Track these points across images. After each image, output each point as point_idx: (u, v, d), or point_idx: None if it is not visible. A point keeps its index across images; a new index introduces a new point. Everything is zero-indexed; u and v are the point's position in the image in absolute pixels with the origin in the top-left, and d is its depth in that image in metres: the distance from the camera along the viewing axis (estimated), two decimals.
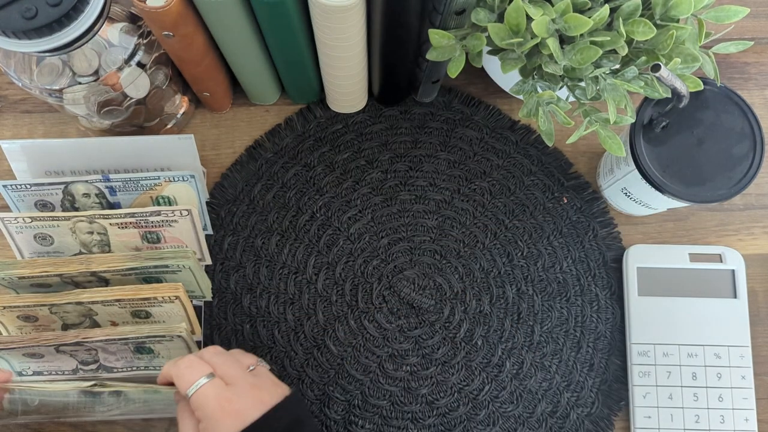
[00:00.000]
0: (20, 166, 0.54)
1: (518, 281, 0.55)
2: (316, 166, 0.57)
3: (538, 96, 0.44)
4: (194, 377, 0.40)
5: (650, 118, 0.48)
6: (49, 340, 0.48)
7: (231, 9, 0.43)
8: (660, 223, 0.57)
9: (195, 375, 0.41)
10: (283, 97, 0.60)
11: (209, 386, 0.40)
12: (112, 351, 0.50)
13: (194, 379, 0.40)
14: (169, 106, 0.55)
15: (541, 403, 0.53)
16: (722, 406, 0.52)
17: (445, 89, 0.59)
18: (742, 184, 0.47)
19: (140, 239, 0.53)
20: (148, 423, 0.53)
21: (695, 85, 0.45)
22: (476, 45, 0.43)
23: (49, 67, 0.47)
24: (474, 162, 0.58)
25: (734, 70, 0.61)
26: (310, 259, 0.56)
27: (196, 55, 0.48)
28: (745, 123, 0.48)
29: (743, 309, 0.54)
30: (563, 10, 0.39)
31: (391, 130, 0.58)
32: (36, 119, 0.59)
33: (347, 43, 0.45)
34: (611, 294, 0.56)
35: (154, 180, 0.52)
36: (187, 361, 0.41)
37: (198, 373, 0.41)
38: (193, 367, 0.41)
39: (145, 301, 0.49)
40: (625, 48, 0.40)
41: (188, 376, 0.41)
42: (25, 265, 0.49)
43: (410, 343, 0.54)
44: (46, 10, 0.39)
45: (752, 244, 0.57)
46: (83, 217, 0.51)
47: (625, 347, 0.54)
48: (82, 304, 0.49)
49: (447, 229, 0.56)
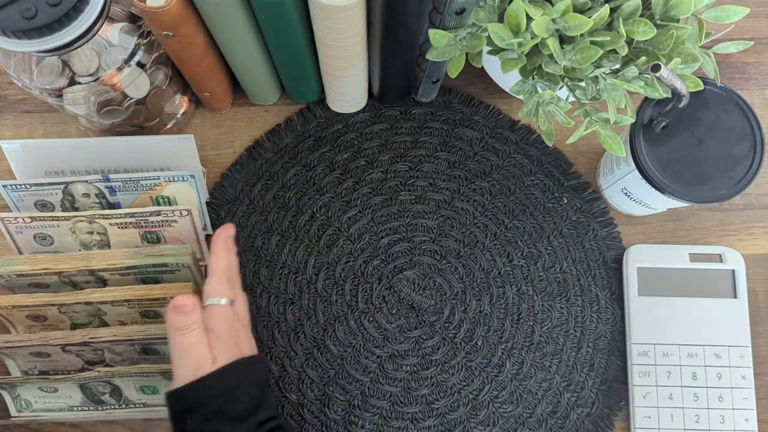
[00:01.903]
0: (20, 166, 0.54)
1: (518, 281, 0.55)
2: (316, 166, 0.57)
3: (538, 96, 0.44)
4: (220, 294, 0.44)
5: (650, 118, 0.48)
6: (56, 339, 0.48)
7: (231, 9, 0.43)
8: (660, 223, 0.57)
9: (221, 293, 0.44)
10: (283, 97, 0.59)
11: (226, 308, 0.44)
12: (118, 351, 0.50)
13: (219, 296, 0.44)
14: (169, 106, 0.55)
15: (541, 403, 0.53)
16: (722, 406, 0.52)
17: (445, 89, 0.59)
18: (742, 184, 0.47)
19: (140, 239, 0.53)
20: (148, 423, 0.54)
21: (695, 85, 0.45)
22: (476, 45, 0.43)
23: (49, 67, 0.47)
24: (474, 162, 0.58)
25: (734, 70, 0.61)
26: (310, 259, 0.56)
27: (196, 55, 0.48)
28: (745, 123, 0.48)
29: (743, 309, 0.54)
30: (563, 10, 0.39)
31: (391, 130, 0.58)
32: (36, 119, 0.59)
33: (347, 43, 0.45)
34: (611, 294, 0.56)
35: (154, 180, 0.52)
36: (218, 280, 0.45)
37: (223, 293, 0.44)
38: (221, 286, 0.45)
39: (155, 302, 0.49)
40: (625, 48, 0.40)
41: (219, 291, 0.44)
42: (25, 261, 0.49)
43: (410, 343, 0.54)
44: (46, 10, 0.39)
45: (752, 244, 0.57)
46: (83, 217, 0.51)
47: (625, 347, 0.54)
48: (91, 304, 0.50)
49: (447, 229, 0.56)
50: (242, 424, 0.40)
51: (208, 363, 0.41)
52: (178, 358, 0.41)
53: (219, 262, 0.45)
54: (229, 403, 0.40)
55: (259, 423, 0.40)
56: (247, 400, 0.41)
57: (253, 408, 0.41)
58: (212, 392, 0.40)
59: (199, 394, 0.40)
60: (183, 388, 0.40)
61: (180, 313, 0.41)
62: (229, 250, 0.47)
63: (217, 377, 0.40)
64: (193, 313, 0.41)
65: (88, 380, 0.50)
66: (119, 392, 0.51)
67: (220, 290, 0.44)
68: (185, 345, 0.41)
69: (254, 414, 0.41)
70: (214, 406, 0.40)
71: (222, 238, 0.46)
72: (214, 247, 0.46)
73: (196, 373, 0.40)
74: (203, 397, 0.40)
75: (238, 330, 0.44)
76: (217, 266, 0.45)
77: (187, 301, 0.41)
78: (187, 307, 0.41)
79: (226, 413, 0.40)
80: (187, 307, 0.41)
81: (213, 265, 0.45)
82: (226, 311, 0.44)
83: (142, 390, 0.51)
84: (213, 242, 0.46)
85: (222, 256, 0.46)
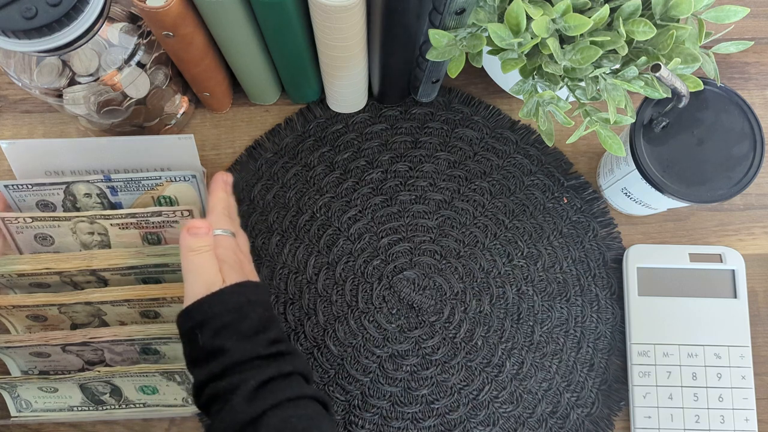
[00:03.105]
0: (20, 166, 0.54)
1: (518, 281, 0.55)
2: (316, 166, 0.57)
3: (538, 96, 0.44)
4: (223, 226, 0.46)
5: (650, 118, 0.48)
6: (56, 339, 0.48)
7: (231, 9, 0.43)
8: (660, 223, 0.57)
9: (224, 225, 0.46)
10: (283, 97, 0.60)
11: (230, 239, 0.46)
12: (118, 351, 0.50)
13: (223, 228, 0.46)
14: (169, 106, 0.55)
15: (541, 403, 0.53)
16: (722, 406, 0.52)
17: (445, 89, 0.59)
18: (742, 184, 0.47)
19: (141, 240, 0.53)
20: (148, 423, 0.54)
21: (695, 85, 0.45)
22: (476, 45, 0.43)
23: (49, 67, 0.47)
24: (474, 162, 0.58)
25: (734, 70, 0.61)
26: (310, 259, 0.56)
27: (196, 55, 0.48)
28: (745, 123, 0.48)
29: (743, 309, 0.54)
30: (563, 10, 0.39)
31: (391, 130, 0.58)
32: (36, 119, 0.59)
33: (347, 43, 0.45)
34: (611, 294, 0.56)
35: (156, 180, 0.52)
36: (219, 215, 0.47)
37: (226, 226, 0.46)
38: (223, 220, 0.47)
39: (155, 302, 0.49)
40: (625, 48, 0.40)
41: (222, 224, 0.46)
42: (27, 260, 0.49)
43: (410, 343, 0.54)
44: (46, 10, 0.39)
45: (752, 244, 0.57)
46: (84, 218, 0.51)
47: (625, 347, 0.54)
48: (91, 305, 0.50)
49: (447, 229, 0.56)
50: (252, 339, 0.41)
51: (218, 282, 0.42)
52: (191, 277, 0.42)
53: (219, 200, 0.47)
54: (239, 319, 0.41)
55: (268, 341, 0.41)
56: (257, 318, 0.42)
57: (261, 326, 0.42)
58: (223, 307, 0.41)
59: (210, 308, 0.41)
60: (194, 304, 0.41)
61: (193, 234, 0.42)
62: (228, 192, 0.49)
63: (228, 293, 0.42)
64: (206, 235, 0.43)
65: (88, 380, 0.50)
66: (119, 392, 0.51)
67: (223, 223, 0.46)
68: (197, 264, 0.42)
69: (263, 332, 0.41)
70: (225, 320, 0.41)
71: (221, 180, 0.48)
72: (213, 187, 0.48)
73: (207, 290, 0.41)
74: (214, 312, 0.41)
75: (242, 260, 0.46)
76: (218, 204, 0.47)
77: (201, 223, 0.43)
78: (201, 230, 0.43)
79: (236, 328, 0.41)
80: (201, 229, 0.43)
81: (213, 203, 0.47)
82: (230, 241, 0.46)
83: (142, 390, 0.51)
84: (212, 183, 0.48)
85: (221, 196, 0.48)
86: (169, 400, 0.51)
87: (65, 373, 0.50)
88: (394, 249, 0.56)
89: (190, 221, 0.43)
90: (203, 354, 0.41)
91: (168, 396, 0.51)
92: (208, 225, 0.44)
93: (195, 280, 0.42)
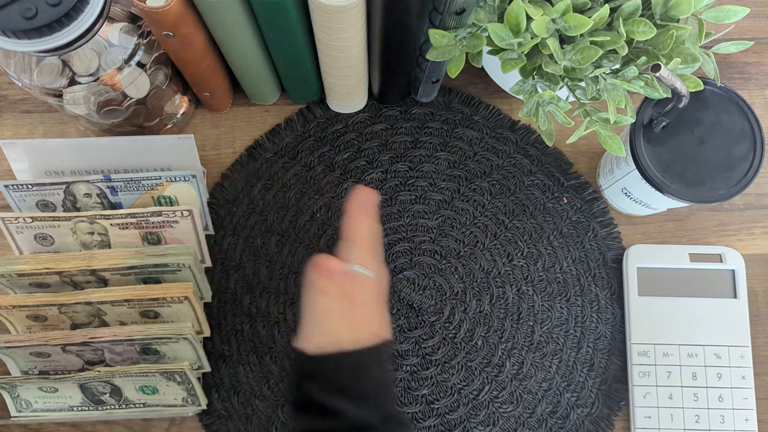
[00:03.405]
0: (20, 166, 0.54)
1: (518, 281, 0.55)
2: (316, 166, 0.57)
3: (538, 96, 0.44)
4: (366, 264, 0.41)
5: (650, 118, 0.48)
6: (56, 339, 0.48)
7: (231, 9, 0.43)
8: (660, 223, 0.57)
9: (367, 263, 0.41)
10: (283, 97, 0.60)
11: (372, 280, 0.40)
12: (118, 351, 0.50)
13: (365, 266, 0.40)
14: (169, 106, 0.55)
15: (541, 403, 0.53)
16: (722, 406, 0.52)
17: (445, 89, 0.59)
18: (742, 184, 0.47)
19: (141, 240, 0.53)
20: (148, 423, 0.54)
21: (695, 85, 0.45)
22: (476, 45, 0.43)
23: (49, 67, 0.47)
24: (474, 162, 0.58)
25: (734, 70, 0.61)
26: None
27: (196, 55, 0.48)
28: (745, 123, 0.48)
29: (743, 309, 0.54)
30: (563, 10, 0.39)
31: (391, 130, 0.58)
32: (36, 119, 0.59)
33: (347, 43, 0.45)
34: (611, 294, 0.56)
35: (156, 180, 0.52)
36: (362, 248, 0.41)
37: (368, 264, 0.41)
38: (365, 255, 0.41)
39: (155, 302, 0.49)
40: (625, 48, 0.40)
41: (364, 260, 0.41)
42: (27, 260, 0.49)
43: (410, 343, 0.54)
44: (46, 10, 0.39)
45: (752, 244, 0.57)
46: (84, 218, 0.51)
47: (625, 347, 0.54)
48: (91, 305, 0.50)
49: (447, 229, 0.56)
50: (366, 405, 0.38)
51: (340, 334, 0.38)
52: (310, 318, 0.39)
53: (362, 228, 0.41)
54: (357, 381, 0.38)
55: (383, 415, 0.38)
56: (375, 380, 0.38)
57: (378, 390, 0.39)
58: (339, 369, 0.38)
59: (325, 367, 0.38)
60: (312, 358, 0.38)
61: (323, 274, 0.38)
62: (371, 216, 0.42)
63: (352, 357, 0.38)
64: (336, 276, 0.38)
65: (88, 380, 0.50)
66: (119, 392, 0.51)
67: (364, 259, 0.41)
68: (320, 307, 0.39)
69: (378, 398, 0.38)
70: (342, 383, 0.38)
71: (366, 200, 0.42)
72: (354, 211, 0.42)
73: (325, 338, 0.38)
74: (329, 371, 0.38)
75: (378, 307, 0.41)
76: (361, 233, 0.41)
77: (334, 264, 0.38)
78: (333, 271, 0.38)
79: (352, 391, 0.38)
80: (333, 270, 0.38)
81: (356, 231, 0.41)
82: (370, 283, 0.40)
83: (142, 390, 0.51)
84: (352, 205, 0.42)
85: (365, 222, 0.42)
86: (169, 400, 0.51)
87: (65, 373, 0.50)
88: (394, 249, 0.56)
89: (321, 258, 0.38)
90: (311, 405, 0.38)
91: (168, 396, 0.51)
92: (341, 266, 0.38)
93: (313, 324, 0.38)
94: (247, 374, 0.54)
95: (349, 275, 0.40)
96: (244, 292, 0.55)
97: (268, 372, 0.54)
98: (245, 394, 0.53)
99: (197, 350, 0.50)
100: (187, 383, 0.50)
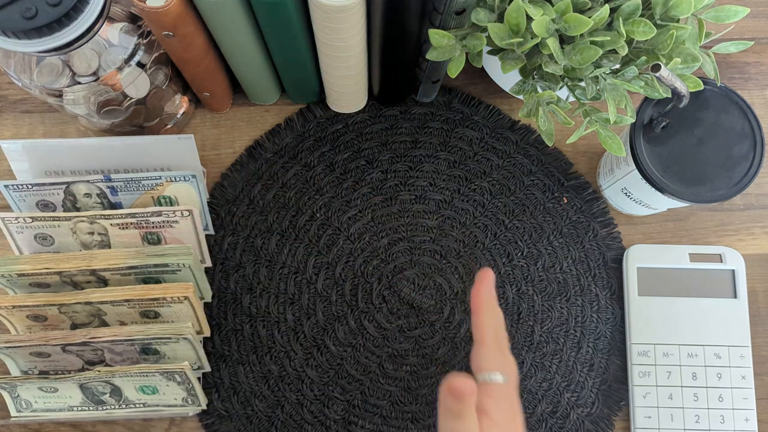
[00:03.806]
0: (20, 166, 0.54)
1: (518, 281, 0.55)
2: (316, 166, 0.57)
3: (538, 96, 0.44)
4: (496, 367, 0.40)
5: (650, 118, 0.48)
6: (56, 339, 0.48)
7: (231, 9, 0.43)
8: (660, 223, 0.57)
9: (496, 366, 0.40)
10: (283, 97, 0.60)
11: (503, 387, 0.39)
12: (118, 351, 0.50)
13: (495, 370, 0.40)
14: (169, 106, 0.55)
15: (541, 403, 0.53)
16: (722, 406, 0.52)
17: (445, 89, 0.59)
18: (742, 184, 0.47)
19: (141, 240, 0.53)
20: (148, 423, 0.54)
21: (695, 85, 0.45)
22: (476, 45, 0.43)
23: (49, 67, 0.47)
24: (474, 162, 0.58)
25: (734, 70, 0.61)
26: (310, 259, 0.56)
27: (196, 55, 0.48)
28: (745, 123, 0.48)
29: (743, 309, 0.54)
30: (563, 10, 0.39)
31: (391, 130, 0.58)
32: (36, 119, 0.59)
33: (347, 43, 0.45)
34: (611, 294, 0.56)
35: (156, 180, 0.52)
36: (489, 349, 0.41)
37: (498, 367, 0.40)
38: (494, 357, 0.40)
39: (155, 302, 0.49)
40: (625, 48, 0.40)
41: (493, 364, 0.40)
42: (27, 260, 0.49)
43: (410, 343, 0.54)
44: (46, 10, 0.39)
45: (752, 244, 0.57)
46: (84, 218, 0.51)
47: (625, 347, 0.54)
48: (91, 304, 0.50)
49: (447, 229, 0.56)
50: None
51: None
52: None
53: (487, 326, 0.40)
54: None
55: None
56: None
57: None
58: None
59: None
60: None
61: (456, 398, 0.37)
62: (493, 305, 0.42)
63: None
64: (470, 398, 0.37)
65: (88, 380, 0.50)
66: (119, 392, 0.51)
67: (494, 362, 0.39)
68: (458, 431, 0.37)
69: None
70: None
71: (485, 294, 0.41)
72: (477, 307, 0.41)
73: None
74: None
75: (514, 415, 0.39)
76: (487, 332, 0.40)
77: (465, 386, 0.37)
78: (465, 394, 0.37)
79: None
80: (465, 393, 0.37)
81: (481, 330, 0.40)
82: (503, 390, 0.39)
83: (142, 390, 0.51)
84: (476, 299, 0.41)
85: (489, 318, 0.41)
86: (169, 400, 0.51)
87: (65, 373, 0.50)
88: (394, 249, 0.56)
89: (453, 381, 0.36)
90: None
91: (168, 396, 0.51)
92: (472, 387, 0.37)
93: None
94: (247, 374, 0.54)
95: (481, 388, 0.39)
96: (244, 292, 0.55)
97: (268, 372, 0.54)
98: (245, 394, 0.53)
99: (197, 350, 0.50)
100: (187, 383, 0.50)
